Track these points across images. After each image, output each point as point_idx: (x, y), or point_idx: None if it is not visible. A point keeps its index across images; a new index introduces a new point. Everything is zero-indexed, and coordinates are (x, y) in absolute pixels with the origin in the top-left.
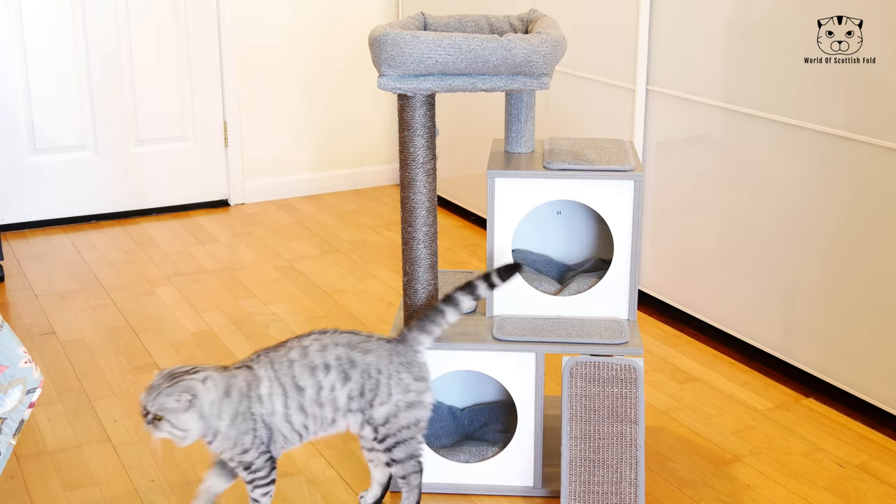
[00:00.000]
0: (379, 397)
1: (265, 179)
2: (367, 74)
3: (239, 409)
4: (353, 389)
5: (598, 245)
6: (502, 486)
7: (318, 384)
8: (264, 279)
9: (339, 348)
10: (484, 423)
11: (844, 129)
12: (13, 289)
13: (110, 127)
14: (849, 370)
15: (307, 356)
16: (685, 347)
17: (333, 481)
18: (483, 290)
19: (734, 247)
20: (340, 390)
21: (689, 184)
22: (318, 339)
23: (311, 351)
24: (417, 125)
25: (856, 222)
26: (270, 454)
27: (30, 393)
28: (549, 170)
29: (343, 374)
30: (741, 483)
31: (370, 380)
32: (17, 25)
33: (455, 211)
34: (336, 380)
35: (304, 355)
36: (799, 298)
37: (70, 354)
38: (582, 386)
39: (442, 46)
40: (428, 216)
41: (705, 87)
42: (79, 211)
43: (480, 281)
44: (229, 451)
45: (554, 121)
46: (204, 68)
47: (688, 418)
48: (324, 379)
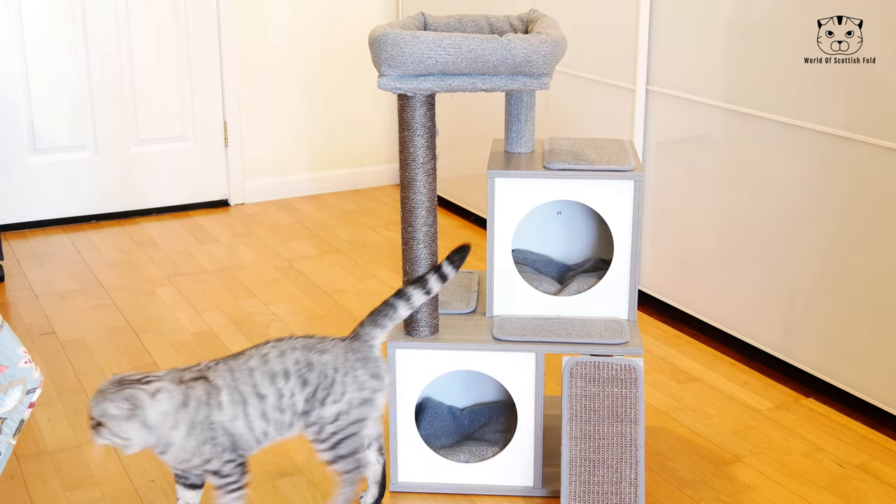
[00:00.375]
0: (332, 395)
1: (265, 179)
2: (367, 74)
3: (197, 419)
4: (309, 392)
5: (598, 245)
6: (502, 486)
7: (278, 391)
8: (264, 279)
9: (296, 352)
10: (484, 423)
11: (844, 129)
12: (13, 289)
13: (110, 127)
14: (849, 370)
15: (267, 363)
16: (685, 347)
17: (333, 481)
18: (434, 282)
19: (734, 247)
20: (299, 395)
21: (688, 184)
22: (275, 346)
23: (270, 358)
24: (417, 125)
25: (856, 222)
26: (239, 459)
27: (30, 393)
28: (549, 170)
29: (302, 378)
30: (741, 483)
31: (326, 379)
32: (17, 25)
33: (455, 211)
34: (295, 385)
35: (263, 363)
36: (799, 298)
37: (70, 354)
38: (582, 386)
39: (442, 46)
40: (428, 216)
41: (705, 87)
42: (79, 211)
43: (432, 274)
44: (188, 461)
45: (554, 121)
46: (204, 68)
47: (688, 418)
48: (284, 386)
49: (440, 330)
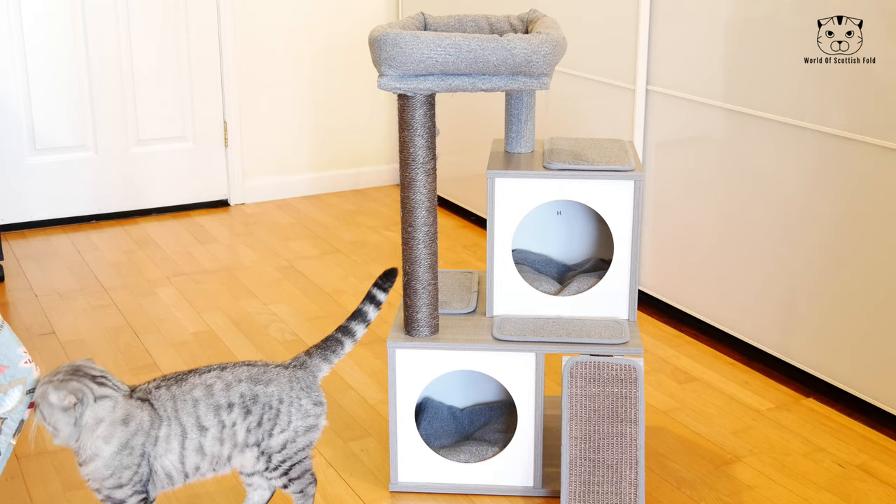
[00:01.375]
0: (279, 426)
1: (265, 179)
2: (367, 74)
3: (131, 442)
4: (252, 422)
5: (598, 245)
6: (502, 486)
7: (221, 423)
8: (264, 279)
9: (242, 385)
10: (484, 423)
11: (844, 129)
12: (13, 289)
13: (110, 127)
14: (849, 370)
15: (212, 395)
16: (685, 347)
17: (333, 481)
18: (372, 312)
19: (734, 247)
20: (241, 425)
21: (688, 184)
22: (219, 377)
23: (215, 391)
24: (417, 125)
25: (856, 222)
26: (146, 494)
27: (30, 393)
28: (549, 170)
29: (245, 409)
30: (741, 483)
31: (270, 410)
32: (17, 25)
33: (455, 211)
34: (238, 416)
35: (209, 394)
36: (799, 298)
37: (70, 354)
38: (582, 386)
39: (442, 46)
40: (428, 216)
41: (705, 87)
42: (79, 211)
43: (366, 304)
44: (103, 480)
45: (554, 121)
46: (204, 68)
47: (688, 418)
48: (227, 417)
49: (440, 330)
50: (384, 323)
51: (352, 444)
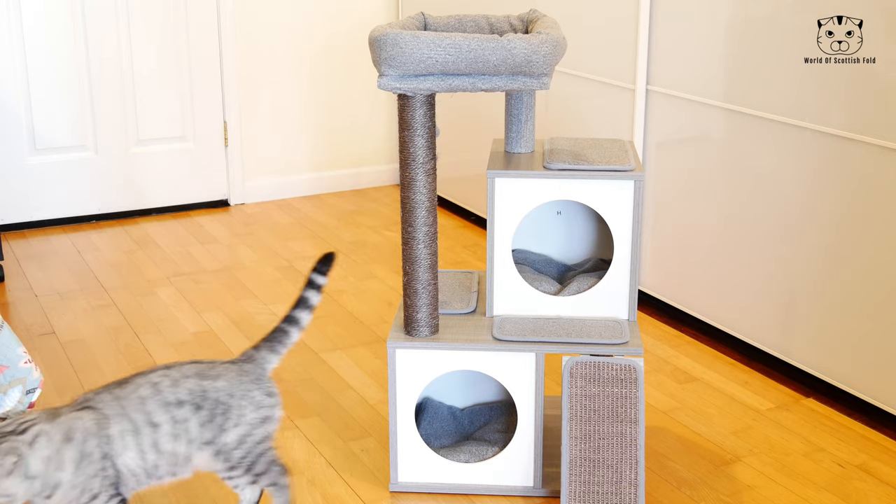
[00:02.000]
0: (231, 420)
1: (265, 179)
2: (367, 74)
3: (85, 451)
4: (203, 416)
5: (598, 245)
6: (502, 486)
7: (173, 418)
8: (264, 279)
9: (190, 381)
10: (484, 423)
11: (844, 129)
12: (13, 289)
13: (110, 127)
14: (849, 370)
15: (160, 392)
16: (685, 347)
17: (333, 481)
18: (314, 297)
19: (734, 247)
20: (193, 420)
21: (688, 184)
22: (166, 374)
23: (163, 387)
24: (417, 125)
25: (856, 222)
26: (121, 496)
27: (30, 393)
28: (549, 170)
29: (195, 405)
30: (741, 483)
31: (221, 405)
32: (17, 25)
33: (455, 211)
34: (189, 412)
35: (156, 392)
36: (799, 298)
37: (70, 354)
38: (582, 386)
39: (442, 46)
40: (428, 216)
41: (705, 87)
42: (79, 211)
43: (308, 290)
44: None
45: (554, 121)
46: (204, 68)
47: (688, 418)
48: (178, 413)
49: (440, 330)
50: (384, 323)
51: (352, 444)
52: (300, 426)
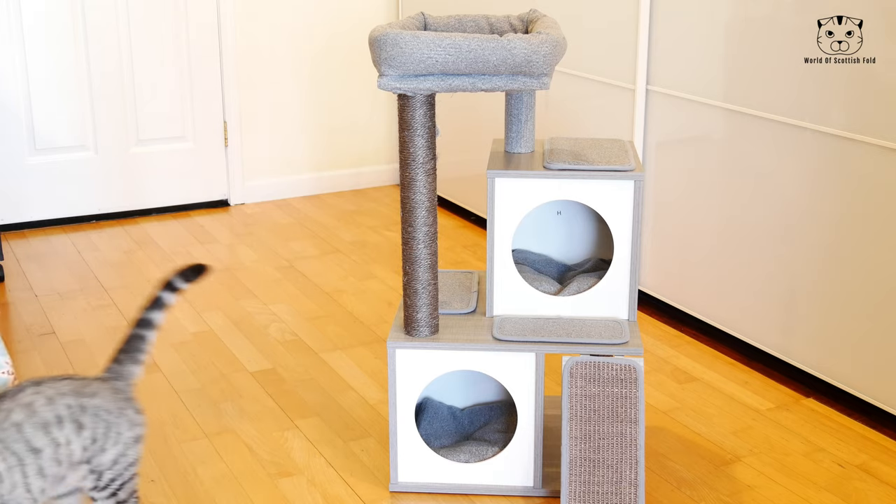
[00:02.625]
0: (110, 439)
1: (265, 179)
2: (367, 74)
3: None
4: (86, 438)
5: (598, 245)
6: (502, 486)
7: (54, 441)
8: (264, 279)
9: (66, 397)
10: (484, 423)
11: (844, 129)
12: (13, 289)
13: (110, 127)
14: (849, 370)
15: (35, 413)
16: (685, 347)
17: (333, 481)
18: (170, 298)
19: (734, 247)
20: (76, 442)
21: (688, 184)
22: (38, 392)
23: (37, 407)
24: (417, 125)
25: (855, 222)
26: None
27: None
28: (549, 170)
29: (76, 423)
30: (741, 483)
31: (101, 423)
32: (17, 25)
33: (455, 211)
34: (71, 432)
35: (31, 413)
36: (799, 298)
37: (70, 354)
38: (582, 386)
39: (442, 46)
40: (428, 216)
41: (705, 87)
42: (79, 211)
43: (164, 291)
44: None
45: (554, 121)
46: (204, 68)
47: (688, 418)
48: (59, 434)
49: (440, 330)
50: (384, 323)
51: (352, 444)
52: (300, 426)
